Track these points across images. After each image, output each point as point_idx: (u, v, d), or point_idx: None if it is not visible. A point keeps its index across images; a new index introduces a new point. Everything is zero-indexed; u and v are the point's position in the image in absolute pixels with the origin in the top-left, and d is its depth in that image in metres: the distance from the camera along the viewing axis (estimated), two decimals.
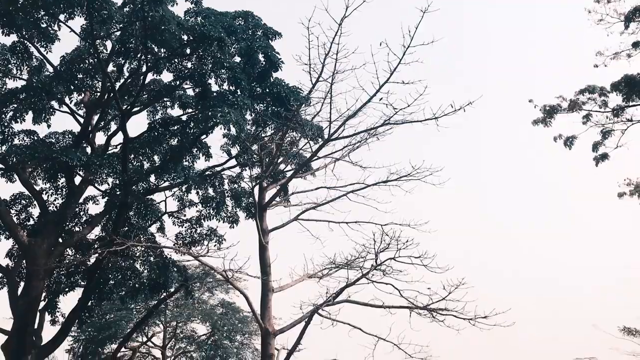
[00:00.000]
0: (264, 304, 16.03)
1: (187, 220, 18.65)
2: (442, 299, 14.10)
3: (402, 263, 14.73)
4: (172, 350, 29.54)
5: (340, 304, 15.19)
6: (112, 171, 17.13)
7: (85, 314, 17.99)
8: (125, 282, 18.17)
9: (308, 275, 16.13)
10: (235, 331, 28.62)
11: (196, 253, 15.35)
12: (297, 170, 17.40)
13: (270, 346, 15.55)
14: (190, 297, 22.42)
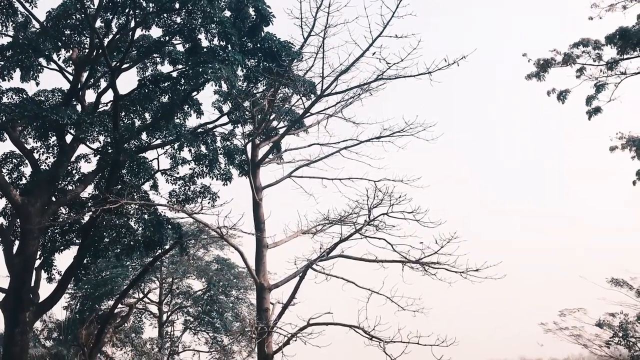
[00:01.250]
0: (258, 259, 16.20)
1: (180, 178, 18.64)
2: (434, 253, 14.27)
3: (394, 218, 14.85)
4: (169, 306, 29.96)
5: (334, 259, 15.36)
6: (103, 129, 17.01)
7: (81, 272, 18.14)
8: (120, 240, 18.26)
9: (302, 231, 16.25)
10: (230, 286, 28.99)
11: (190, 210, 15.40)
12: (289, 127, 17.33)
13: (265, 300, 15.79)
14: (185, 253, 22.65)
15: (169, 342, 29.27)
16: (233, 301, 29.33)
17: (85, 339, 18.99)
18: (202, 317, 29.34)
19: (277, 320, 15.33)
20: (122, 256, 19.37)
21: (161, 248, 18.53)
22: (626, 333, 15.52)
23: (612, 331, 15.86)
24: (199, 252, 29.48)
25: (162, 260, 25.77)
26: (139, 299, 27.92)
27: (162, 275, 29.07)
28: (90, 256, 18.03)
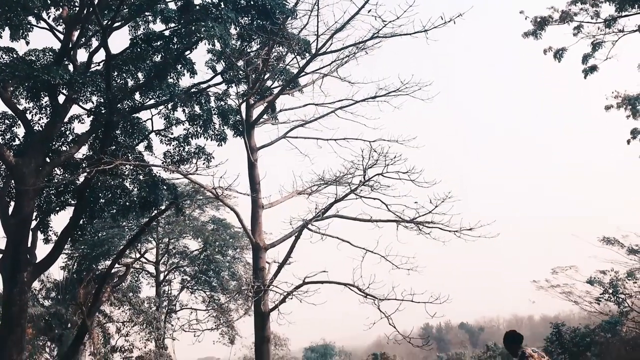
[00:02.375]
0: (254, 219, 16.30)
1: (175, 139, 18.54)
2: (429, 213, 14.38)
3: (389, 178, 14.91)
4: (165, 266, 30.28)
5: (329, 219, 15.47)
6: (95, 89, 16.80)
7: (77, 232, 18.20)
8: (116, 201, 18.27)
9: (297, 191, 16.31)
10: (226, 246, 29.24)
11: (185, 171, 15.39)
12: (284, 87, 17.19)
13: (261, 260, 15.96)
14: (181, 214, 22.67)
15: (167, 301, 29.67)
16: (229, 261, 29.64)
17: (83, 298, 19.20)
18: (198, 277, 29.70)
19: (273, 279, 15.52)
20: (118, 217, 19.41)
21: (157, 209, 18.56)
22: (616, 290, 15.80)
23: (602, 288, 16.14)
24: (195, 213, 29.62)
25: (158, 220, 25.89)
26: (136, 258, 28.17)
27: (159, 236, 29.27)
28: (86, 217, 18.06)
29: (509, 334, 8.66)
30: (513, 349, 8.45)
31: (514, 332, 8.71)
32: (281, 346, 39.55)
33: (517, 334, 8.63)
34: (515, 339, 8.49)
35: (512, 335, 8.58)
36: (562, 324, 19.04)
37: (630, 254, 14.97)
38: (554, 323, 19.23)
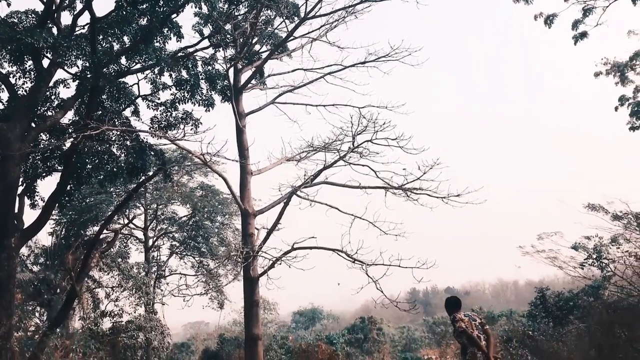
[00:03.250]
0: (242, 186, 16.29)
1: (162, 104, 18.34)
2: (417, 179, 14.45)
3: (378, 145, 14.91)
4: (154, 232, 30.30)
5: (317, 186, 15.50)
6: (81, 53, 16.49)
7: (64, 198, 18.10)
8: (103, 166, 18.13)
9: (286, 158, 16.29)
10: (215, 212, 29.26)
11: (172, 137, 15.29)
12: (272, 51, 16.99)
13: (250, 226, 16.02)
14: (169, 180, 22.62)
15: (156, 267, 29.80)
16: (218, 227, 29.70)
17: (72, 264, 19.20)
18: (187, 242, 29.78)
19: (262, 245, 15.61)
20: (106, 183, 19.31)
21: (144, 174, 18.46)
22: (600, 255, 16.03)
23: (586, 253, 16.36)
24: (183, 179, 29.52)
25: (146, 186, 25.81)
26: (124, 224, 28.12)
27: (147, 202, 29.19)
28: (73, 183, 17.95)
29: (448, 299, 9.12)
30: (451, 312, 8.83)
31: (453, 298, 9.18)
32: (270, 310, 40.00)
33: (454, 299, 9.05)
34: (452, 304, 8.93)
35: (450, 300, 9.06)
36: (546, 289, 19.37)
37: (615, 220, 15.15)
38: (539, 287, 19.55)
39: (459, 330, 8.37)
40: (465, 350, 8.40)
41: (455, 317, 8.53)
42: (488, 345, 8.33)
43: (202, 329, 58.78)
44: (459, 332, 8.39)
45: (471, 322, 8.47)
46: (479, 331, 8.45)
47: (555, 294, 18.87)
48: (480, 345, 8.20)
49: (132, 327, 22.84)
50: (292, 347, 21.37)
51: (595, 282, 16.85)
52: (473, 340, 8.24)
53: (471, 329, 8.35)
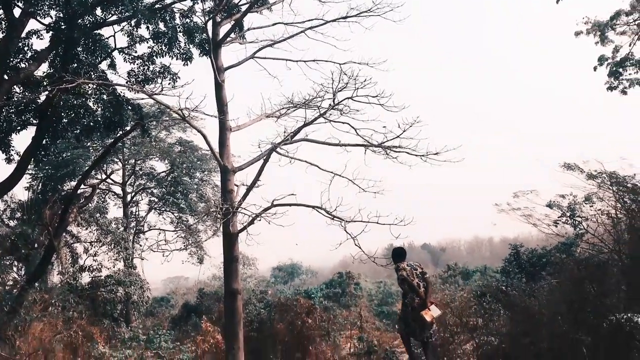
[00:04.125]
0: (222, 142, 16.17)
1: (139, 57, 17.97)
2: (397, 137, 14.46)
3: (359, 102, 14.84)
4: (132, 187, 30.12)
5: (297, 143, 15.45)
6: (54, 3, 16.01)
7: (40, 152, 17.86)
8: (79, 121, 17.84)
9: (266, 114, 16.16)
10: (194, 168, 29.14)
11: (150, 91, 15.00)
12: (252, 4, 16.62)
13: (229, 182, 15.99)
14: (146, 135, 22.37)
15: (134, 222, 29.77)
16: (197, 183, 29.62)
17: (49, 219, 19.09)
18: (166, 198, 29.69)
19: (242, 201, 15.62)
20: (82, 137, 19.05)
21: (122, 129, 18.23)
22: (573, 213, 16.34)
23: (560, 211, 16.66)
24: (161, 134, 29.22)
25: (124, 141, 25.52)
26: (102, 179, 27.91)
27: (125, 157, 28.92)
28: (49, 137, 17.68)
29: (394, 250, 9.88)
30: (396, 262, 9.65)
31: (398, 248, 9.90)
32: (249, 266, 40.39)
33: (400, 250, 9.83)
34: (397, 254, 9.75)
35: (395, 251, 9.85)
36: (520, 245, 19.80)
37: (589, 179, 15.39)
38: (513, 244, 19.98)
39: (401, 277, 9.23)
40: (406, 296, 9.28)
41: (399, 266, 9.33)
42: (426, 291, 9.28)
43: (182, 283, 59.30)
44: (401, 280, 9.24)
45: (412, 271, 9.33)
46: (419, 279, 9.33)
47: (529, 251, 19.32)
48: (418, 292, 9.12)
49: (111, 281, 22.96)
50: (271, 301, 21.68)
51: (568, 240, 17.25)
52: (413, 287, 9.13)
53: (412, 277, 9.21)
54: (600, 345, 11.70)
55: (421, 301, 9.12)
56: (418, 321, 9.15)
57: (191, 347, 16.93)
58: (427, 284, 9.43)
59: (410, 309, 9.21)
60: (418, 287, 9.18)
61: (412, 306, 9.17)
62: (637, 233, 12.13)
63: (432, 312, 9.25)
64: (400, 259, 9.62)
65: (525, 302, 14.01)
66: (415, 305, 9.13)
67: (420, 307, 9.10)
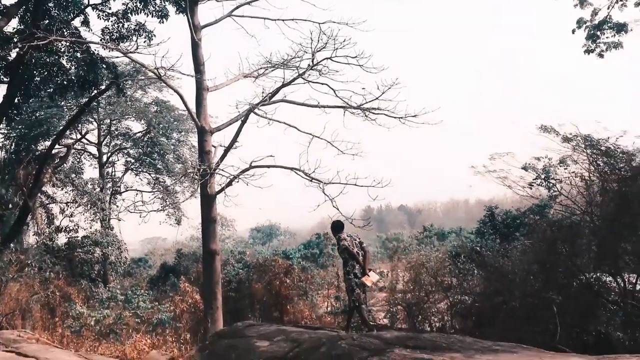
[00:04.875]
0: (199, 102, 15.98)
1: (113, 14, 17.51)
2: (375, 99, 14.43)
3: (338, 63, 14.72)
4: (108, 147, 29.72)
5: (276, 104, 15.34)
6: None
7: (13, 111, 17.47)
8: (52, 79, 17.44)
9: (243, 74, 15.96)
10: (171, 129, 28.78)
11: (125, 49, 14.68)
12: None
13: (207, 143, 15.87)
14: (122, 94, 21.98)
15: (111, 183, 29.49)
16: (174, 143, 29.31)
17: (23, 179, 18.84)
18: (143, 159, 29.39)
19: (220, 163, 15.55)
20: (56, 96, 18.66)
21: (96, 88, 17.89)
22: (548, 175, 16.60)
23: (535, 174, 16.91)
24: (137, 94, 28.69)
25: (99, 101, 25.04)
26: (77, 139, 27.48)
27: (100, 117, 28.43)
28: (21, 95, 17.28)
29: (333, 222, 10.58)
30: (336, 233, 10.36)
31: (337, 221, 10.61)
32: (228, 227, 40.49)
33: (339, 223, 10.55)
34: (337, 226, 10.44)
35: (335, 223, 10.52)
36: (495, 207, 20.14)
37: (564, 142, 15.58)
38: (488, 206, 20.32)
39: (343, 247, 10.00)
40: (346, 264, 10.05)
41: (340, 237, 10.12)
42: (364, 260, 10.03)
43: (160, 244, 59.33)
44: (343, 249, 10.02)
45: (352, 241, 10.10)
46: (358, 249, 10.09)
47: (504, 212, 19.66)
48: (358, 260, 9.91)
49: (88, 242, 22.87)
50: (249, 261, 21.84)
51: (542, 202, 17.57)
52: (353, 255, 9.93)
53: (352, 246, 9.99)
54: (570, 303, 12.07)
55: (361, 268, 9.92)
56: (360, 286, 9.95)
57: (169, 306, 17.05)
58: (365, 253, 10.18)
59: (352, 275, 9.97)
60: (357, 255, 9.97)
61: (354, 273, 9.95)
62: (608, 195, 12.39)
63: (371, 277, 10.07)
64: (340, 231, 10.34)
65: (498, 262, 14.32)
66: (356, 271, 9.91)
67: (361, 273, 9.90)
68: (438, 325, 15.58)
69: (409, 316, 16.04)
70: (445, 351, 8.04)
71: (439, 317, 15.91)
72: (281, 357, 9.50)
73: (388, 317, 17.05)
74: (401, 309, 16.62)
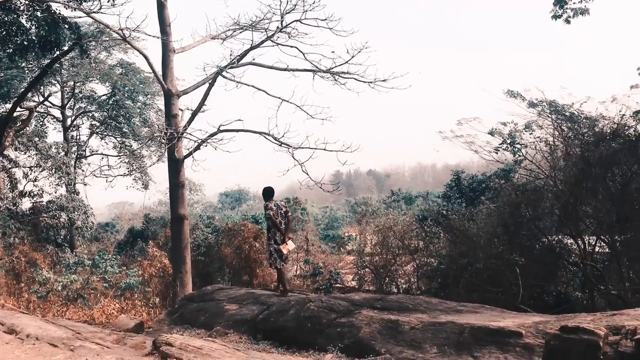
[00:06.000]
0: (165, 64, 15.68)
1: None
2: (345, 63, 14.38)
3: (307, 25, 14.59)
4: (72, 110, 29.02)
5: (244, 67, 15.19)
6: None
7: None
8: (12, 39, 16.80)
9: (211, 36, 15.69)
10: (137, 92, 28.16)
11: (88, 9, 14.26)
12: None
13: (174, 106, 15.65)
14: (85, 56, 21.37)
15: (76, 146, 28.89)
16: (140, 107, 28.71)
17: None
18: (108, 122, 28.79)
19: (187, 126, 15.39)
20: (16, 57, 18.00)
21: (59, 49, 17.32)
22: (513, 140, 16.86)
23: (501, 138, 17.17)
24: (101, 55, 27.89)
25: (61, 62, 24.32)
26: (40, 102, 26.74)
27: (63, 79, 27.63)
28: None
29: (264, 189, 11.06)
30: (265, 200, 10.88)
31: (268, 188, 11.06)
32: (196, 191, 40.27)
33: (269, 189, 11.03)
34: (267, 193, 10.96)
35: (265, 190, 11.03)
36: (461, 172, 20.43)
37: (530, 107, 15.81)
38: (455, 170, 20.60)
39: (267, 215, 10.71)
40: (269, 230, 10.79)
41: (267, 205, 10.71)
42: (287, 228, 10.76)
43: (127, 209, 58.70)
44: (267, 217, 10.75)
45: (278, 210, 10.75)
46: (282, 217, 10.75)
47: (470, 177, 19.97)
48: (280, 228, 10.60)
49: (53, 207, 22.52)
50: (218, 226, 21.83)
51: (507, 166, 17.89)
52: (275, 224, 10.59)
53: (276, 215, 10.65)
54: (532, 265, 12.44)
55: (281, 236, 10.63)
56: (278, 252, 10.68)
57: (138, 271, 17.01)
58: (288, 221, 10.92)
59: (272, 242, 10.75)
60: (280, 224, 10.66)
61: (274, 239, 10.69)
62: (572, 160, 12.68)
63: (289, 246, 10.80)
64: (269, 198, 10.86)
65: (464, 225, 14.62)
66: (277, 238, 10.65)
67: (281, 241, 10.64)
68: (405, 287, 15.92)
69: (377, 278, 16.33)
70: (411, 312, 8.25)
71: (405, 279, 16.25)
72: (250, 320, 9.63)
73: (356, 280, 17.34)
74: (369, 271, 16.90)
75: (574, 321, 5.46)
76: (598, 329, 4.33)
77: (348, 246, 25.14)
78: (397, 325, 7.61)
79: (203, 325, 10.10)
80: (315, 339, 8.12)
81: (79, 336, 7.93)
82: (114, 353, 6.84)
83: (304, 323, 8.59)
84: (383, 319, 7.91)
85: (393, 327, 7.60)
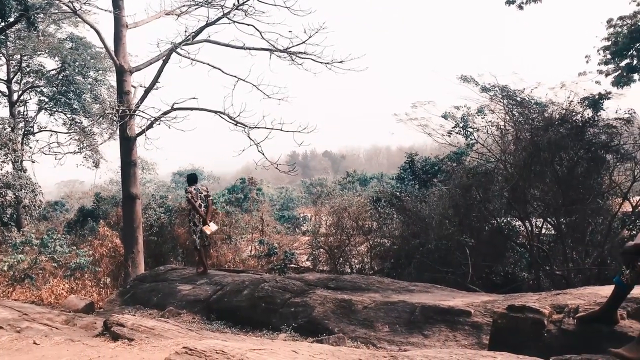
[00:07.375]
0: (117, 39, 15.28)
1: None
2: (302, 43, 14.30)
3: (264, 3, 14.41)
4: (19, 85, 27.98)
5: (199, 44, 14.93)
6: None
7: None
8: None
9: (165, 11, 15.34)
10: (87, 67, 27.33)
11: None
12: None
13: (126, 83, 15.29)
14: (33, 29, 20.60)
15: (23, 122, 27.91)
16: (91, 82, 27.90)
17: None
18: (57, 98, 27.88)
19: (140, 104, 15.08)
20: None
21: (4, 21, 16.67)
22: (466, 124, 17.18)
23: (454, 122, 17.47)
24: (50, 28, 26.90)
25: (7, 34, 23.37)
26: None
27: (9, 52, 26.56)
28: None
29: (188, 175, 11.78)
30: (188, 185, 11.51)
31: (191, 174, 11.80)
32: (149, 170, 39.60)
33: (192, 175, 11.76)
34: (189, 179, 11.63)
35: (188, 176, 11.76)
36: (415, 154, 20.71)
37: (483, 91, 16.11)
38: (408, 153, 20.86)
39: (187, 199, 11.41)
40: (189, 213, 11.58)
41: (187, 189, 11.40)
42: (207, 211, 11.45)
43: (77, 187, 57.26)
44: (187, 200, 11.49)
45: (198, 194, 11.38)
46: (202, 201, 11.42)
47: (423, 159, 20.28)
48: (199, 211, 11.30)
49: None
50: (171, 205, 21.55)
51: (460, 149, 18.24)
52: (194, 207, 11.30)
53: (196, 199, 11.31)
54: (482, 246, 12.80)
55: (201, 218, 11.32)
56: (199, 233, 11.40)
57: (88, 251, 16.67)
58: (208, 204, 11.60)
59: (192, 224, 11.50)
60: (200, 207, 11.32)
61: (194, 221, 11.42)
62: (521, 144, 13.02)
63: (211, 227, 11.51)
64: (192, 184, 11.46)
65: (416, 207, 14.88)
66: (196, 220, 11.37)
67: (202, 223, 11.33)
68: (358, 267, 16.14)
69: (331, 259, 16.49)
70: (364, 291, 8.39)
71: (359, 260, 16.46)
72: (204, 300, 9.60)
73: (310, 260, 17.47)
74: (323, 252, 17.04)
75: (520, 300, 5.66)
76: (543, 307, 4.50)
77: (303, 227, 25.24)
78: (351, 304, 7.72)
79: (156, 305, 10.02)
80: (269, 319, 8.17)
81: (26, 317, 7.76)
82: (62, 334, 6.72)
83: (258, 303, 8.63)
84: (337, 298, 8.01)
85: (346, 307, 7.71)
